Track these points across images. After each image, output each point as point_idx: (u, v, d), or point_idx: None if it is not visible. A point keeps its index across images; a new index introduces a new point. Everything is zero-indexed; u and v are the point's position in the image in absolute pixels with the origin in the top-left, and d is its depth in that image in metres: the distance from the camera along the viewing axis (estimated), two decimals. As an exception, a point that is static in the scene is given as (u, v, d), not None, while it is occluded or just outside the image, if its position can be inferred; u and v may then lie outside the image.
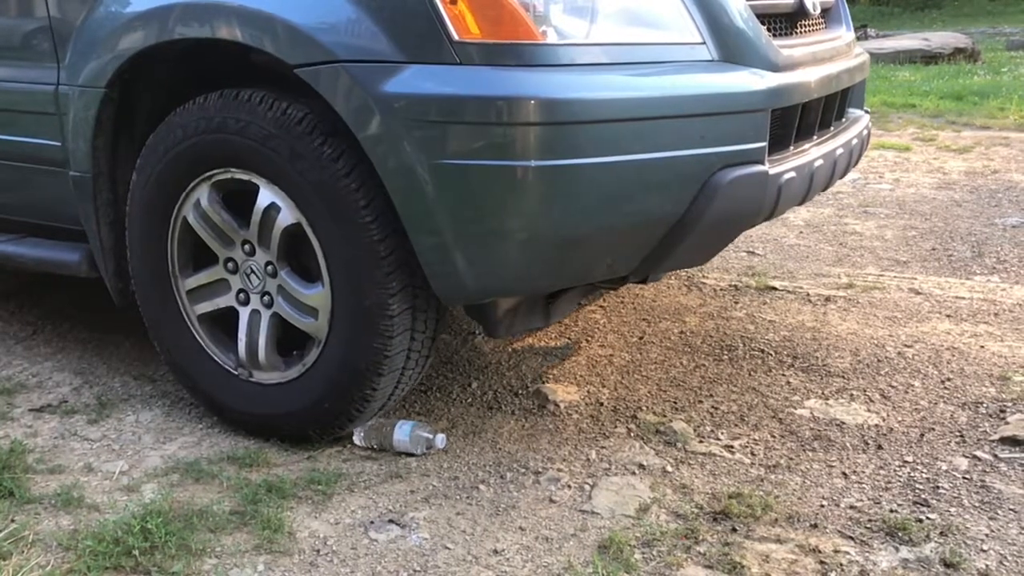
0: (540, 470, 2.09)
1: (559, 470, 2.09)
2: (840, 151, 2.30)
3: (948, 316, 2.93)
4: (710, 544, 1.82)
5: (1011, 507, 1.93)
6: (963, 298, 3.09)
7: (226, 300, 2.18)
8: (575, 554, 1.80)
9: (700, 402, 2.39)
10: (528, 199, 1.77)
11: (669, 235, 1.91)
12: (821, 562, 1.76)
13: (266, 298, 2.13)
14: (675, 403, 2.39)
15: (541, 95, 1.73)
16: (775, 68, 1.99)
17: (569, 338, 2.76)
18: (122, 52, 2.11)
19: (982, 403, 2.37)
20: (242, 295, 2.16)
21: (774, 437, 2.22)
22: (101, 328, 2.89)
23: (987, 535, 1.84)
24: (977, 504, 1.94)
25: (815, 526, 1.88)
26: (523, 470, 2.09)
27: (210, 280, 2.19)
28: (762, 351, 2.68)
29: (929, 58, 9.84)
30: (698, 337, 2.78)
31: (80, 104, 2.21)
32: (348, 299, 1.98)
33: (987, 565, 1.75)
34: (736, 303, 3.06)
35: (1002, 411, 2.32)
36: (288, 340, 2.16)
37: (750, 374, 2.55)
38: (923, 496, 1.97)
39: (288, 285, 2.07)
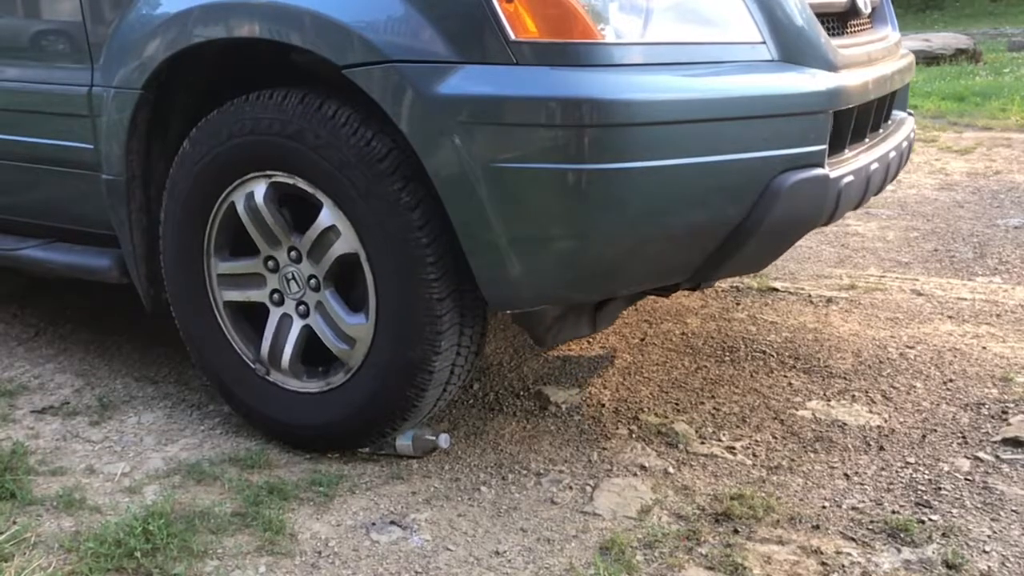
0: (542, 471, 2.09)
1: (560, 471, 2.09)
2: (892, 154, 2.25)
3: (950, 317, 2.93)
4: (712, 545, 1.82)
5: (1013, 508, 1.92)
6: (965, 299, 3.09)
7: (258, 295, 2.13)
8: (577, 555, 1.79)
9: (702, 403, 2.39)
10: (589, 204, 1.71)
11: (728, 241, 1.86)
12: (823, 563, 1.76)
13: (302, 308, 2.08)
14: (677, 404, 2.39)
15: (605, 96, 1.67)
16: (834, 69, 1.94)
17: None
18: (161, 52, 2.05)
19: (984, 404, 2.36)
20: (276, 295, 2.11)
21: (776, 438, 2.22)
22: (103, 330, 2.89)
23: (989, 536, 1.84)
24: (979, 505, 1.94)
25: (817, 527, 1.87)
26: (524, 471, 2.09)
27: (245, 272, 2.14)
28: (764, 352, 2.68)
29: (931, 59, 9.83)
30: (700, 338, 2.78)
31: (114, 106, 2.16)
32: (391, 344, 1.94)
33: (989, 566, 1.74)
34: (737, 304, 3.06)
35: (1004, 412, 2.31)
36: (311, 349, 2.12)
37: (752, 375, 2.55)
38: (925, 497, 1.97)
39: (329, 305, 2.03)
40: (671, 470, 2.09)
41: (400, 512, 1.94)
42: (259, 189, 2.02)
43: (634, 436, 2.23)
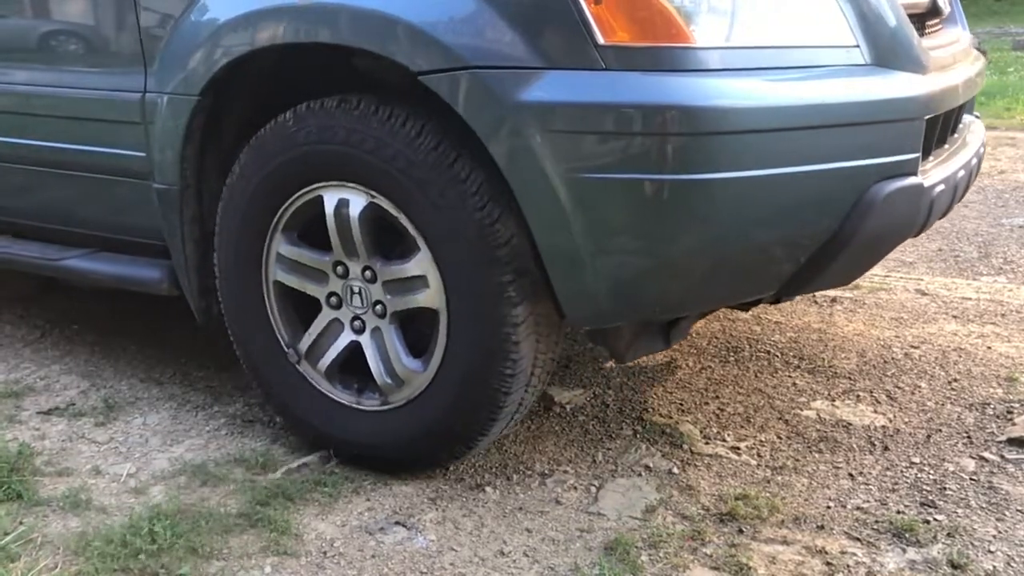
0: (546, 472, 2.09)
1: (565, 472, 2.09)
2: (974, 160, 2.18)
3: (955, 317, 2.93)
4: (716, 545, 1.82)
5: (1018, 508, 1.92)
6: (970, 299, 3.08)
7: (315, 290, 2.05)
8: (581, 555, 1.80)
9: (706, 404, 2.39)
10: (685, 215, 1.65)
11: (819, 254, 1.77)
12: (828, 563, 1.76)
13: (357, 323, 2.02)
14: (681, 405, 2.39)
15: (701, 103, 1.59)
16: (926, 72, 1.86)
17: (574, 340, 2.76)
18: (220, 57, 1.97)
19: (989, 404, 2.36)
20: (334, 299, 2.03)
21: (780, 438, 2.22)
22: (108, 331, 2.90)
23: (994, 536, 1.83)
24: (984, 505, 1.94)
25: (822, 527, 1.87)
26: (529, 472, 2.09)
27: (309, 263, 2.03)
28: (768, 352, 2.68)
29: (935, 58, 9.79)
30: (704, 339, 2.78)
31: (169, 112, 2.07)
32: (451, 397, 1.92)
33: (994, 566, 1.74)
34: (742, 304, 3.06)
35: (1009, 412, 2.31)
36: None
37: (756, 375, 2.55)
38: (930, 497, 1.97)
39: (389, 339, 1.97)
40: (676, 470, 2.09)
41: (405, 512, 1.94)
42: (357, 202, 1.90)
43: (638, 436, 2.24)
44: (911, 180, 1.80)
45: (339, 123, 1.87)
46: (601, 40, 1.62)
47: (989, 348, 2.69)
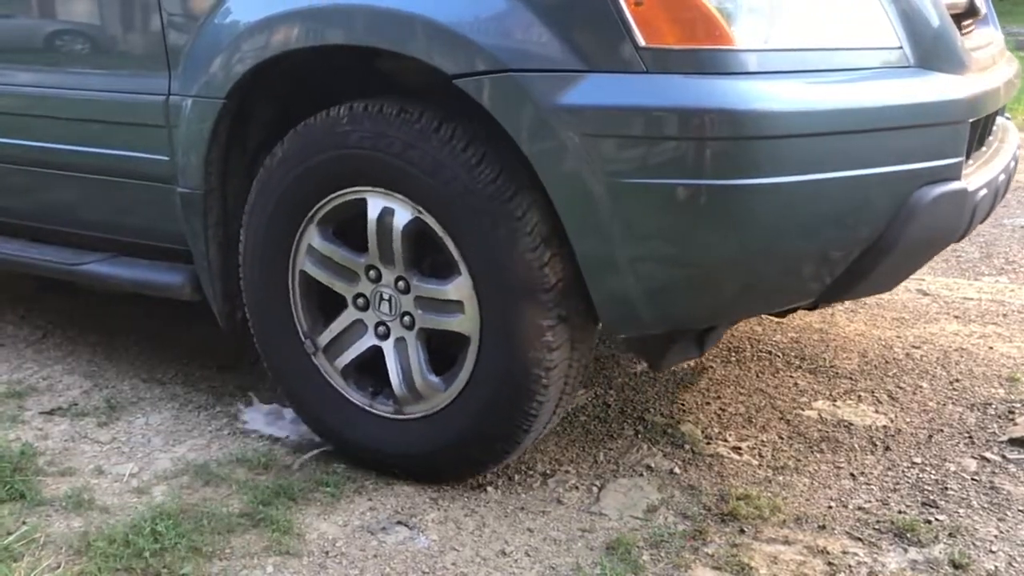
0: (548, 472, 2.09)
1: (567, 472, 2.09)
2: (1012, 163, 2.14)
3: (956, 317, 2.93)
4: (718, 545, 1.82)
5: (1020, 508, 1.92)
6: (971, 299, 3.08)
7: (343, 288, 2.00)
8: (583, 555, 1.80)
9: (708, 404, 2.40)
10: (726, 221, 1.61)
11: (860, 261, 1.74)
12: (829, 563, 1.76)
13: (382, 329, 1.98)
14: (682, 405, 2.39)
15: (747, 107, 1.56)
16: (968, 74, 1.82)
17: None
18: (248, 59, 1.93)
19: (991, 404, 2.36)
20: (361, 300, 1.99)
21: (782, 439, 2.22)
22: (110, 331, 2.90)
23: (996, 536, 1.84)
24: (986, 505, 1.94)
25: (823, 527, 1.88)
26: (531, 472, 2.09)
27: (340, 261, 1.98)
28: (769, 353, 2.68)
29: (936, 58, 9.79)
30: (705, 339, 2.78)
31: (194, 115, 2.03)
32: (474, 416, 1.89)
33: (996, 566, 1.74)
34: (743, 304, 3.06)
35: (1011, 412, 2.31)
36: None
37: (758, 376, 2.55)
38: (932, 497, 1.97)
39: (413, 353, 1.94)
40: (677, 470, 2.09)
41: (407, 512, 1.94)
42: (402, 214, 1.85)
43: (640, 436, 2.24)
44: (955, 185, 1.76)
45: (397, 134, 1.81)
46: (642, 42, 1.58)
47: (991, 348, 2.69)
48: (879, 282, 1.88)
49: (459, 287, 1.84)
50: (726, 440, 2.22)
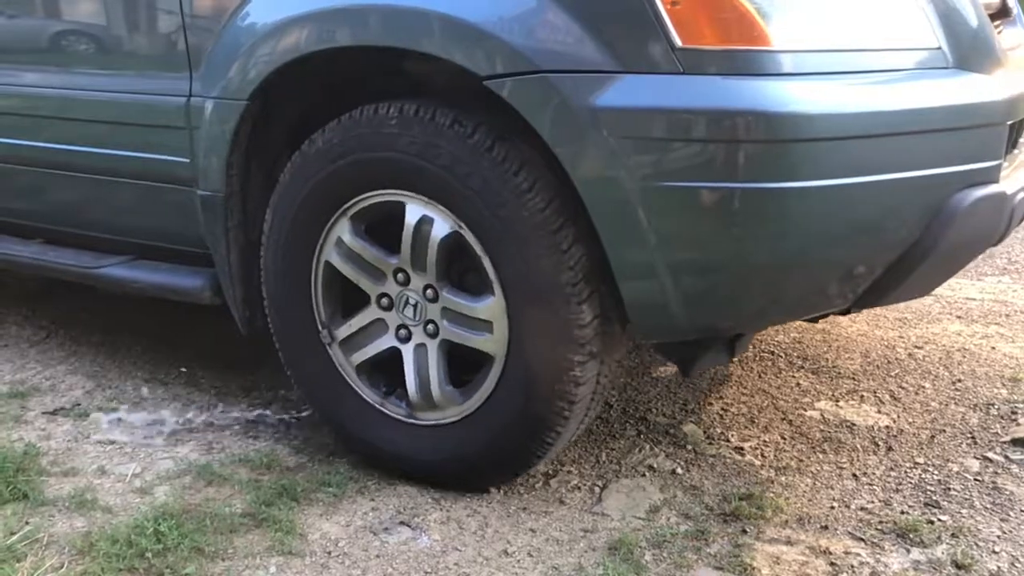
0: (550, 472, 2.09)
1: (569, 472, 2.09)
2: None
3: (959, 317, 2.93)
4: (720, 545, 1.82)
5: (1022, 508, 1.92)
6: (974, 299, 3.08)
7: (368, 286, 1.98)
8: (585, 556, 1.80)
9: (710, 404, 2.40)
10: (762, 226, 1.58)
11: (897, 265, 1.70)
12: (832, 563, 1.76)
13: (403, 332, 1.97)
14: (685, 405, 2.39)
15: (784, 108, 1.52)
16: (1006, 75, 1.78)
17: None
18: (273, 60, 1.89)
19: (993, 404, 2.36)
20: (385, 300, 1.97)
21: (784, 439, 2.22)
22: (113, 332, 2.91)
23: (998, 536, 1.83)
24: (988, 505, 1.94)
25: (826, 528, 1.88)
26: (533, 472, 2.09)
27: (370, 260, 1.95)
28: (772, 353, 2.68)
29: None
30: (708, 339, 2.78)
31: (216, 117, 2.00)
32: (493, 430, 1.88)
33: (998, 567, 1.74)
34: (746, 305, 3.06)
35: (1013, 412, 2.31)
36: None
37: (760, 376, 2.55)
38: (934, 498, 1.97)
39: (432, 361, 1.93)
40: (679, 470, 2.09)
41: (409, 512, 1.94)
42: (441, 225, 1.82)
43: (642, 437, 2.24)
44: (994, 188, 1.73)
45: (447, 147, 1.76)
46: (679, 43, 1.55)
47: (993, 348, 2.69)
48: (915, 287, 1.84)
49: (491, 308, 1.82)
50: (728, 440, 2.22)
